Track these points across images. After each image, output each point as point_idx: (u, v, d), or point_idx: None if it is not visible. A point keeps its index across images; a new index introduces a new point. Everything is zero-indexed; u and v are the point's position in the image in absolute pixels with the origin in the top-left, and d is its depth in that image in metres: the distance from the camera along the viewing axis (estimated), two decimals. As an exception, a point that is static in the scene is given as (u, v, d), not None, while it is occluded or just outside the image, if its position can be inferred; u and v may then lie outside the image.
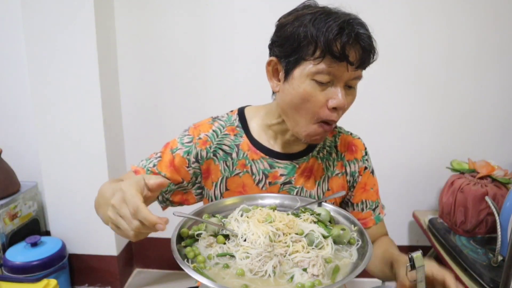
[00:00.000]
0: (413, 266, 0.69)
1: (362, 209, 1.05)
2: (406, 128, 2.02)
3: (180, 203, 1.03)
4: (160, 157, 0.97)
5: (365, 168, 1.06)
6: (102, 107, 1.90)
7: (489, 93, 1.95)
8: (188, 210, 1.03)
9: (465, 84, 1.94)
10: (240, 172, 0.99)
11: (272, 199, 0.93)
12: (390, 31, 1.90)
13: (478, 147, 2.00)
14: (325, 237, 0.78)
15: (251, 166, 0.98)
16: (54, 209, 2.07)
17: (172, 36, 1.98)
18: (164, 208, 1.02)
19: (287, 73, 0.88)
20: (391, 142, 2.04)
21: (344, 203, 1.09)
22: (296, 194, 0.99)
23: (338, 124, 1.11)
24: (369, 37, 0.85)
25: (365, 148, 1.07)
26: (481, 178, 1.69)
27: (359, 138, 1.09)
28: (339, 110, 0.87)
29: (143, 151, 2.14)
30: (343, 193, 1.00)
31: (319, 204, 0.92)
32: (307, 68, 0.84)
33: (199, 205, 1.04)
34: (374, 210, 1.06)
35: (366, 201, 1.05)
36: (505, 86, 1.94)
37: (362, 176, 1.05)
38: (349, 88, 0.88)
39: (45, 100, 1.91)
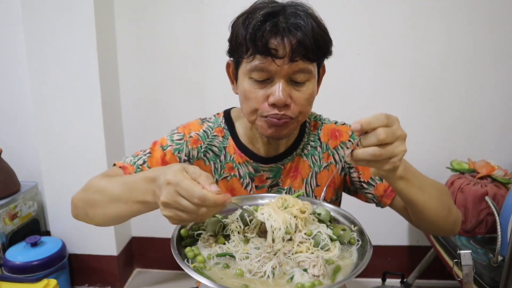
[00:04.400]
0: (459, 264, 0.67)
1: (380, 179, 0.95)
2: (406, 128, 1.98)
3: None
4: (149, 153, 0.94)
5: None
6: (102, 107, 1.90)
7: (489, 93, 1.94)
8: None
9: (465, 84, 1.94)
10: (228, 176, 0.98)
11: (271, 199, 0.93)
12: (391, 32, 1.90)
13: (478, 147, 2.00)
14: (332, 240, 0.77)
15: (238, 169, 0.97)
16: (54, 209, 2.07)
17: (172, 35, 1.98)
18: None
19: (236, 74, 0.89)
20: (391, 142, 2.04)
21: (359, 189, 0.99)
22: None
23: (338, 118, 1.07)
24: (303, 26, 0.79)
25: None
26: (481, 178, 1.69)
27: (344, 124, 1.03)
28: (281, 106, 0.83)
29: (143, 151, 2.15)
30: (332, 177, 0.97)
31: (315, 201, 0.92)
32: (244, 67, 0.84)
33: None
34: None
35: None
36: (505, 86, 1.94)
37: None
38: (297, 83, 0.84)
39: (45, 100, 1.91)
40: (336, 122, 1.03)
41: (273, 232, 0.75)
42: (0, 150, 2.00)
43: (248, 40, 0.79)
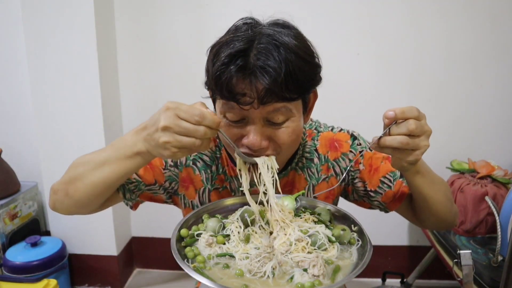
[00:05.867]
0: (459, 264, 0.68)
1: (389, 186, 0.92)
2: (406, 128, 2.02)
3: (149, 201, 0.97)
4: None
5: (361, 152, 0.95)
6: (102, 107, 1.90)
7: (489, 93, 1.94)
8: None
9: (465, 84, 1.94)
10: (219, 188, 0.94)
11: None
12: (390, 31, 1.90)
13: (478, 147, 2.00)
14: (331, 241, 0.77)
15: (230, 182, 0.94)
16: (54, 209, 2.07)
17: (172, 36, 1.98)
18: (135, 208, 0.97)
19: (214, 106, 0.84)
20: (391, 142, 2.04)
21: (362, 197, 0.97)
22: None
23: (330, 121, 1.05)
24: (274, 68, 0.70)
25: (352, 136, 0.97)
26: (481, 178, 1.69)
27: (341, 130, 0.98)
28: (258, 148, 0.77)
29: (143, 151, 2.15)
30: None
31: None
32: (219, 104, 0.79)
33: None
34: (402, 177, 0.92)
35: (386, 176, 0.93)
36: (505, 86, 1.94)
37: (362, 163, 0.95)
38: (275, 124, 0.77)
39: (45, 100, 1.91)
40: (332, 129, 0.99)
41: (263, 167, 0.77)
42: (0, 150, 2.00)
43: (214, 84, 0.74)
